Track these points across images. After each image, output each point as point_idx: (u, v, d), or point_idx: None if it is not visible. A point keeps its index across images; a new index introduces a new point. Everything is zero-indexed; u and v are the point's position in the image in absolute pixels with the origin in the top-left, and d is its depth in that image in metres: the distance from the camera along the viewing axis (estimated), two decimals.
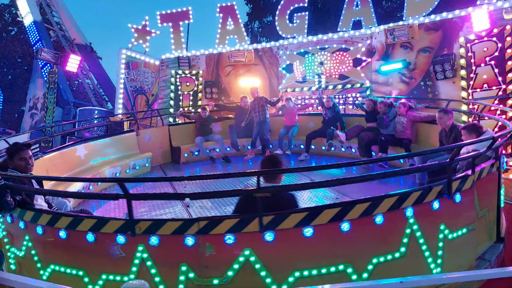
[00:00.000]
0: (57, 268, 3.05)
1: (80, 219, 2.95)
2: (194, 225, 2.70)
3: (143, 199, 4.99)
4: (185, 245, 2.70)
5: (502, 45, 8.77)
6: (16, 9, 25.42)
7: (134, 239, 2.77)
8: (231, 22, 13.28)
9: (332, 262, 2.78)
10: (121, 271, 2.82)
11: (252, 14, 26.92)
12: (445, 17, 10.02)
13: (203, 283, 2.70)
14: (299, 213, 2.76)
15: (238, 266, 2.68)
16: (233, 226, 2.69)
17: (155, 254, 2.76)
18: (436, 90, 10.04)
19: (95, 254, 2.91)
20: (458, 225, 3.22)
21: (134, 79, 14.44)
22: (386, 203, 2.85)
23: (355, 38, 11.49)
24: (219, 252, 2.70)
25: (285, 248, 2.75)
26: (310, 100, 11.72)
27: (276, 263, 2.73)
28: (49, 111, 14.56)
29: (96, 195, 5.67)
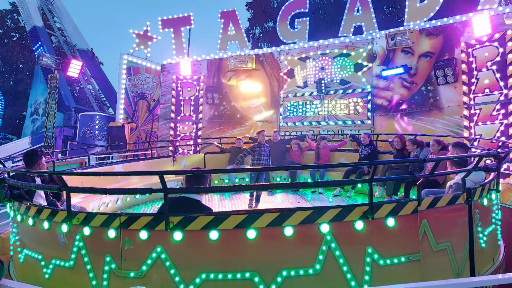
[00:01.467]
0: (29, 253, 3.52)
1: (41, 209, 3.36)
2: (116, 219, 2.94)
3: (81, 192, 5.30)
4: (108, 238, 2.95)
5: (504, 50, 8.78)
6: (18, 15, 25.58)
7: (74, 229, 3.09)
8: (232, 27, 13.34)
9: (239, 269, 2.81)
10: (64, 257, 3.15)
11: (253, 19, 27.03)
12: (446, 22, 10.05)
13: (122, 275, 2.91)
14: (207, 216, 2.87)
15: (151, 262, 2.87)
16: (147, 223, 2.88)
17: (88, 244, 3.06)
18: (437, 95, 10.03)
19: (49, 241, 3.29)
20: (394, 252, 2.98)
21: (135, 84, 14.48)
22: (297, 216, 2.83)
23: (356, 43, 11.52)
24: (136, 247, 2.90)
25: (193, 249, 2.87)
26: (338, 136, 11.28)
27: (184, 263, 2.86)
28: (50, 117, 14.56)
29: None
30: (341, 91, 11.60)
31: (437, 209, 3.18)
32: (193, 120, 13.23)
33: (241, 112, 12.87)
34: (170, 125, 13.39)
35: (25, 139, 19.26)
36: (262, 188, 6.48)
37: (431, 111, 10.09)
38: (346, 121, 11.43)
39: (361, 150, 8.07)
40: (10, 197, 3.75)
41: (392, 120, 10.76)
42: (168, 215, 2.83)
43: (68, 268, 3.13)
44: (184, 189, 4.07)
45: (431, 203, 3.13)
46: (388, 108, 10.90)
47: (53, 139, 14.70)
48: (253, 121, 12.71)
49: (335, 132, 11.42)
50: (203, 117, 13.22)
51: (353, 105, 11.37)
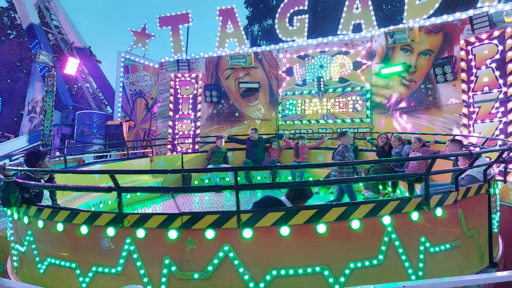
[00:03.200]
0: (53, 261, 3.17)
1: (76, 212, 3.07)
2: (177, 219, 2.79)
3: (133, 191, 5.69)
4: (168, 239, 2.79)
5: (503, 48, 8.75)
6: (14, 12, 25.39)
7: (123, 231, 2.86)
8: (231, 25, 13.27)
9: (309, 263, 2.81)
10: (109, 263, 2.91)
11: (252, 17, 26.94)
12: (445, 20, 10.00)
13: (184, 277, 2.76)
14: (277, 212, 2.81)
15: (217, 262, 2.76)
16: (214, 221, 2.77)
17: (141, 247, 2.85)
18: (436, 93, 10.00)
19: (88, 246, 3.05)
20: (442, 239, 3.20)
21: (133, 82, 14.43)
22: (363, 209, 2.91)
23: (355, 41, 11.47)
24: (200, 247, 2.77)
25: (263, 246, 2.80)
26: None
27: (255, 262, 2.78)
28: (47, 115, 14.49)
29: (92, 188, 5.70)
30: (340, 89, 11.56)
31: (467, 199, 3.46)
32: (191, 118, 13.18)
33: (240, 110, 12.82)
34: (169, 124, 13.34)
35: (22, 137, 19.17)
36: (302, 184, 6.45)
37: (430, 109, 10.07)
38: (345, 119, 11.40)
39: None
40: (21, 201, 3.47)
41: (391, 118, 10.73)
42: (240, 212, 2.77)
43: (115, 274, 2.90)
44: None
45: (464, 194, 3.42)
46: (387, 106, 10.87)
47: (50, 137, 14.63)
48: (251, 120, 12.66)
49: (334, 130, 11.39)
50: (201, 115, 13.16)
51: (352, 103, 11.34)
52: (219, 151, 9.00)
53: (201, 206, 6.84)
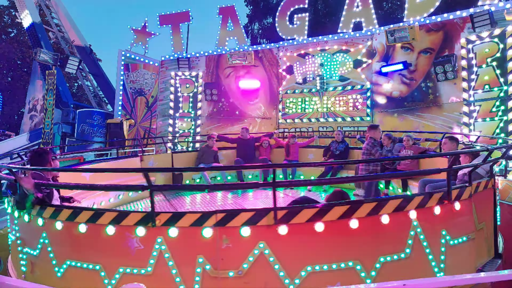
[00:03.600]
0: (73, 264, 3.05)
1: (101, 213, 2.96)
2: (212, 217, 2.76)
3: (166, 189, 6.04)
4: (203, 237, 2.75)
5: (504, 46, 8.74)
6: (15, 11, 25.39)
7: (153, 231, 2.80)
8: (231, 23, 13.26)
9: (342, 259, 2.84)
10: (138, 265, 2.83)
11: (252, 15, 26.86)
12: (446, 18, 9.98)
13: (219, 275, 2.74)
14: (311, 208, 2.83)
15: (252, 259, 2.75)
16: (249, 219, 2.76)
17: (173, 246, 2.79)
18: (437, 92, 9.99)
19: (114, 247, 2.92)
20: (459, 233, 3.32)
21: (133, 80, 14.40)
22: (391, 204, 2.98)
23: (355, 39, 11.45)
24: (235, 245, 2.75)
25: (298, 242, 2.82)
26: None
27: (290, 258, 2.79)
28: (48, 113, 14.48)
29: (123, 186, 5.75)
30: (340, 87, 11.55)
31: (478, 194, 3.60)
32: (191, 116, 13.18)
33: (240, 108, 12.82)
34: (169, 122, 13.34)
35: (23, 135, 19.18)
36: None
37: (431, 107, 10.06)
38: (345, 117, 11.39)
39: (335, 147, 8.56)
40: (35, 203, 3.33)
41: (391, 117, 10.72)
42: (277, 209, 2.78)
43: (145, 275, 2.82)
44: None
45: (475, 189, 3.55)
46: (387, 105, 10.85)
47: (51, 135, 14.64)
48: (252, 118, 12.66)
49: (334, 128, 11.38)
50: (201, 113, 13.16)
51: (352, 102, 11.33)
52: (210, 150, 8.94)
53: (193, 206, 6.79)
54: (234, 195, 7.58)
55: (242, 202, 6.97)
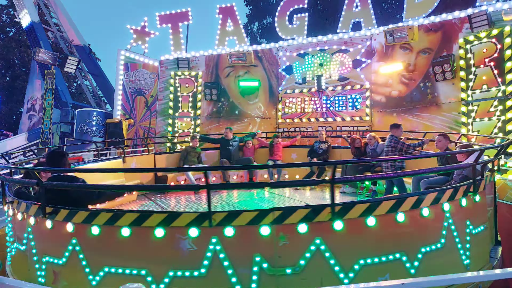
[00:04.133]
0: (112, 271, 2.87)
1: (148, 214, 2.86)
2: (269, 215, 2.75)
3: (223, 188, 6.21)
4: (260, 235, 2.73)
5: (501, 46, 8.79)
6: (14, 10, 25.35)
7: (207, 231, 2.75)
8: (231, 23, 13.29)
9: (390, 251, 2.96)
10: (190, 266, 2.76)
11: (251, 15, 26.92)
12: (444, 19, 10.04)
13: (276, 273, 2.73)
14: (363, 203, 2.95)
15: (309, 255, 2.77)
16: (305, 215, 2.79)
17: (229, 246, 2.75)
18: (435, 92, 10.05)
19: (162, 250, 2.82)
20: (478, 222, 3.60)
21: (133, 80, 14.43)
22: (429, 197, 3.19)
23: (354, 39, 11.50)
24: (292, 242, 2.77)
25: (351, 237, 2.90)
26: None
27: (344, 253, 2.86)
28: (47, 113, 14.50)
29: (182, 186, 6.10)
30: (339, 87, 11.60)
31: (487, 186, 3.91)
32: (191, 116, 13.21)
33: (240, 108, 12.85)
34: (168, 121, 13.36)
35: (21, 135, 19.18)
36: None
37: (429, 107, 10.11)
38: (345, 117, 11.44)
39: (318, 146, 8.85)
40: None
41: (390, 117, 10.77)
42: (334, 205, 2.83)
43: (198, 277, 2.74)
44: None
45: (485, 180, 3.85)
46: (386, 105, 10.91)
47: (50, 135, 14.65)
48: (251, 118, 12.70)
49: (334, 128, 11.44)
50: (201, 113, 13.19)
51: (352, 102, 11.38)
52: (194, 151, 8.85)
53: (182, 207, 6.76)
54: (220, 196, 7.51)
55: (227, 202, 6.95)
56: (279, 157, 9.23)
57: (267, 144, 9.58)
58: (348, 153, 8.52)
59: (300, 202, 6.85)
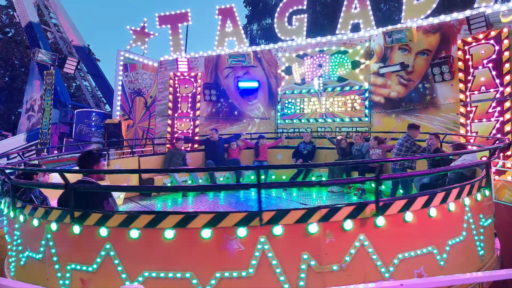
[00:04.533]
0: (153, 275, 2.77)
1: (193, 215, 2.81)
2: (316, 212, 2.79)
3: (275, 187, 6.41)
4: (308, 233, 2.77)
5: (500, 48, 8.83)
6: (13, 10, 25.34)
7: (256, 230, 2.74)
8: (230, 24, 13.31)
9: (424, 245, 3.09)
10: (238, 267, 2.74)
11: (251, 16, 26.96)
12: (443, 20, 10.08)
13: (323, 270, 2.76)
14: (401, 200, 3.08)
15: (354, 251, 2.84)
16: (350, 212, 2.86)
17: (277, 245, 2.75)
18: (434, 93, 10.08)
19: (208, 251, 2.77)
20: (488, 215, 3.80)
21: (132, 81, 14.42)
22: (454, 192, 3.38)
23: (353, 40, 11.54)
24: (338, 239, 2.82)
25: (391, 232, 2.99)
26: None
27: (385, 248, 2.95)
28: (46, 113, 14.48)
29: (236, 185, 6.25)
30: (338, 88, 11.63)
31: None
32: (190, 117, 13.22)
33: (239, 109, 12.87)
34: (168, 122, 13.38)
35: (20, 135, 19.14)
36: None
37: (428, 108, 10.15)
38: (344, 118, 11.47)
39: (303, 147, 9.06)
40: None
41: (389, 118, 10.81)
42: (379, 201, 2.92)
43: (246, 277, 2.71)
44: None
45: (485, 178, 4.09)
46: (385, 106, 10.94)
47: (48, 136, 14.63)
48: (251, 118, 12.72)
49: (333, 129, 11.46)
50: (200, 114, 13.20)
51: (351, 102, 11.41)
52: (179, 153, 8.69)
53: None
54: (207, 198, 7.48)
55: (213, 204, 6.96)
56: (264, 158, 9.30)
57: (253, 145, 9.59)
58: (333, 153, 8.79)
59: (291, 201, 6.97)
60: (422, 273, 3.05)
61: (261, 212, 2.75)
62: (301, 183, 8.15)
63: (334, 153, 8.66)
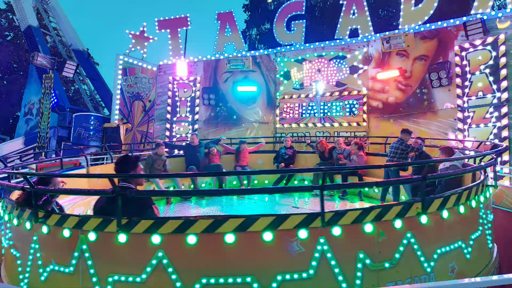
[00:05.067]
0: (212, 281, 2.68)
1: (254, 218, 2.75)
2: (371, 213, 2.90)
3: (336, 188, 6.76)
4: (364, 233, 2.87)
5: (496, 54, 8.92)
6: (12, 14, 25.40)
7: (316, 232, 2.77)
8: (229, 29, 13.39)
9: (455, 239, 3.31)
10: (299, 268, 2.75)
11: (250, 21, 27.08)
12: (440, 26, 10.18)
13: (377, 268, 2.86)
14: (438, 198, 3.26)
15: (402, 249, 2.96)
16: (399, 211, 3.00)
17: (335, 245, 2.81)
18: (431, 98, 10.15)
19: (269, 254, 2.75)
20: (490, 211, 4.13)
21: (131, 85, 14.44)
22: (473, 191, 3.62)
23: (352, 45, 11.62)
24: (389, 237, 2.94)
25: (432, 229, 3.16)
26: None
27: (427, 244, 3.09)
28: (44, 117, 14.45)
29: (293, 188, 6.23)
30: (337, 93, 11.68)
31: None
32: (189, 121, 13.23)
33: (238, 113, 12.90)
34: (166, 126, 13.39)
35: (18, 139, 19.09)
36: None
37: (426, 113, 10.21)
38: (342, 122, 11.51)
39: (284, 152, 9.10)
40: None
41: (387, 122, 10.86)
42: (424, 200, 3.09)
43: (307, 279, 2.71)
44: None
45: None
46: (383, 110, 10.99)
47: (47, 139, 14.59)
48: (249, 123, 12.74)
49: (331, 133, 11.49)
50: (199, 118, 13.22)
51: (349, 107, 11.46)
52: (160, 158, 8.36)
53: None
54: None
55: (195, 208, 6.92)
56: (245, 163, 9.16)
57: (233, 150, 9.48)
58: (313, 157, 8.96)
59: (279, 205, 7.01)
60: (454, 266, 3.24)
61: (323, 214, 2.80)
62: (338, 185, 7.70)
63: (315, 157, 8.86)
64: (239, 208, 6.88)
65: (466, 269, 3.36)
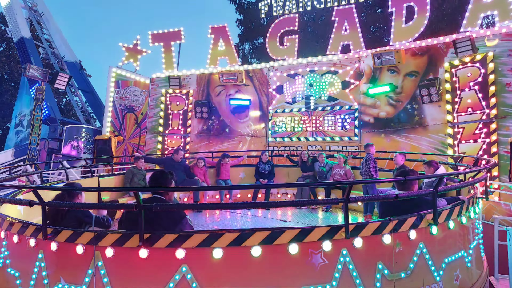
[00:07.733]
0: None
1: (280, 231, 2.77)
2: (389, 224, 3.01)
3: (360, 201, 6.12)
4: (383, 244, 2.97)
5: (485, 71, 9.07)
6: (5, 25, 25.33)
7: (338, 243, 2.83)
8: (223, 43, 13.48)
9: (459, 249, 3.50)
10: (322, 280, 2.78)
11: (243, 35, 27.33)
12: (430, 43, 10.36)
13: (394, 278, 2.96)
14: (445, 210, 3.43)
15: (416, 259, 3.10)
16: (413, 222, 3.13)
17: (356, 256, 2.87)
18: (422, 113, 10.25)
19: (294, 266, 2.76)
20: (480, 221, 4.45)
21: (123, 97, 14.39)
22: (470, 203, 3.86)
23: (343, 61, 11.75)
24: (405, 248, 3.06)
25: (439, 239, 3.31)
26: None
27: (436, 254, 3.24)
28: (35, 129, 14.28)
29: (321, 201, 5.98)
30: (329, 107, 11.75)
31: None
32: (181, 134, 13.17)
33: (230, 126, 12.88)
34: (158, 139, 13.30)
35: (8, 151, 18.82)
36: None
37: (416, 128, 10.29)
38: (334, 137, 11.55)
39: (263, 167, 9.32)
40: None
41: (378, 137, 10.91)
42: (435, 211, 3.23)
43: None
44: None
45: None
46: (374, 125, 11.06)
47: (37, 151, 14.38)
48: (242, 136, 12.72)
49: (323, 148, 11.51)
50: (191, 131, 13.17)
51: (341, 122, 11.52)
52: (139, 172, 8.22)
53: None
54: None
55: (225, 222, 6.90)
56: (227, 177, 9.13)
57: (214, 163, 9.40)
58: (295, 170, 9.28)
59: (266, 219, 7.08)
60: (458, 275, 3.40)
61: (347, 225, 2.85)
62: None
63: (296, 170, 9.14)
64: (225, 223, 6.81)
65: (467, 277, 3.55)
